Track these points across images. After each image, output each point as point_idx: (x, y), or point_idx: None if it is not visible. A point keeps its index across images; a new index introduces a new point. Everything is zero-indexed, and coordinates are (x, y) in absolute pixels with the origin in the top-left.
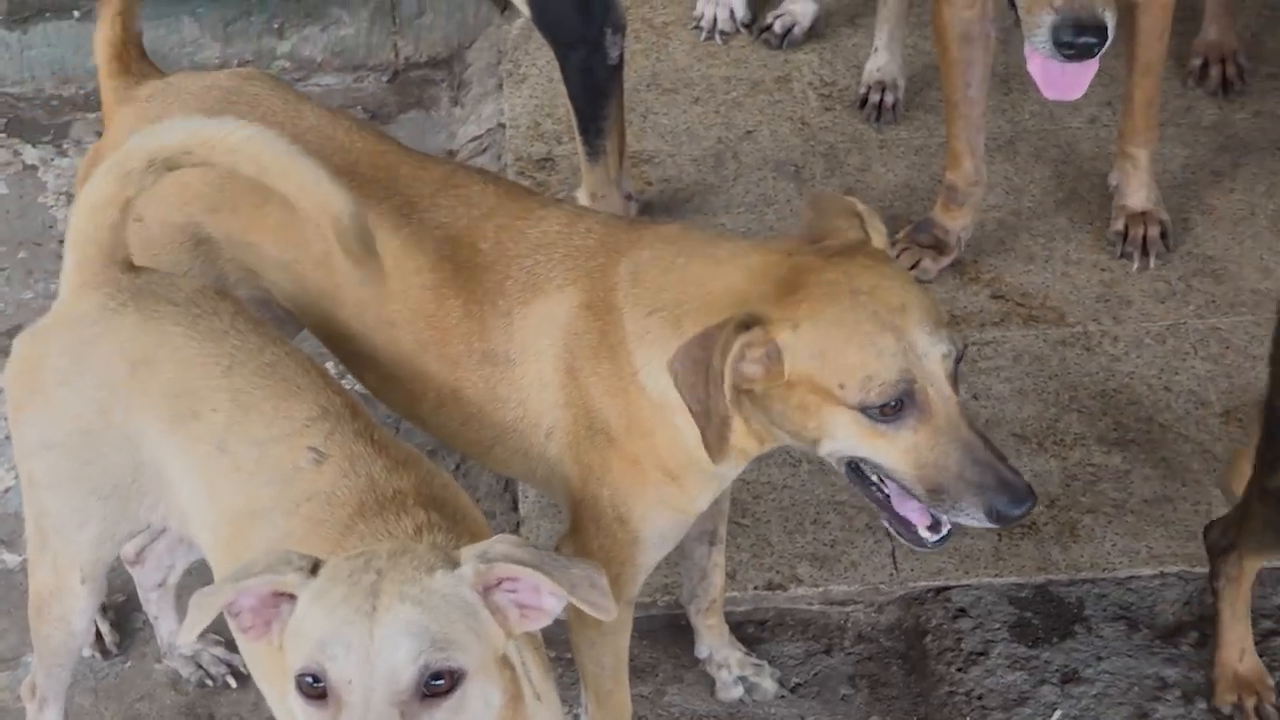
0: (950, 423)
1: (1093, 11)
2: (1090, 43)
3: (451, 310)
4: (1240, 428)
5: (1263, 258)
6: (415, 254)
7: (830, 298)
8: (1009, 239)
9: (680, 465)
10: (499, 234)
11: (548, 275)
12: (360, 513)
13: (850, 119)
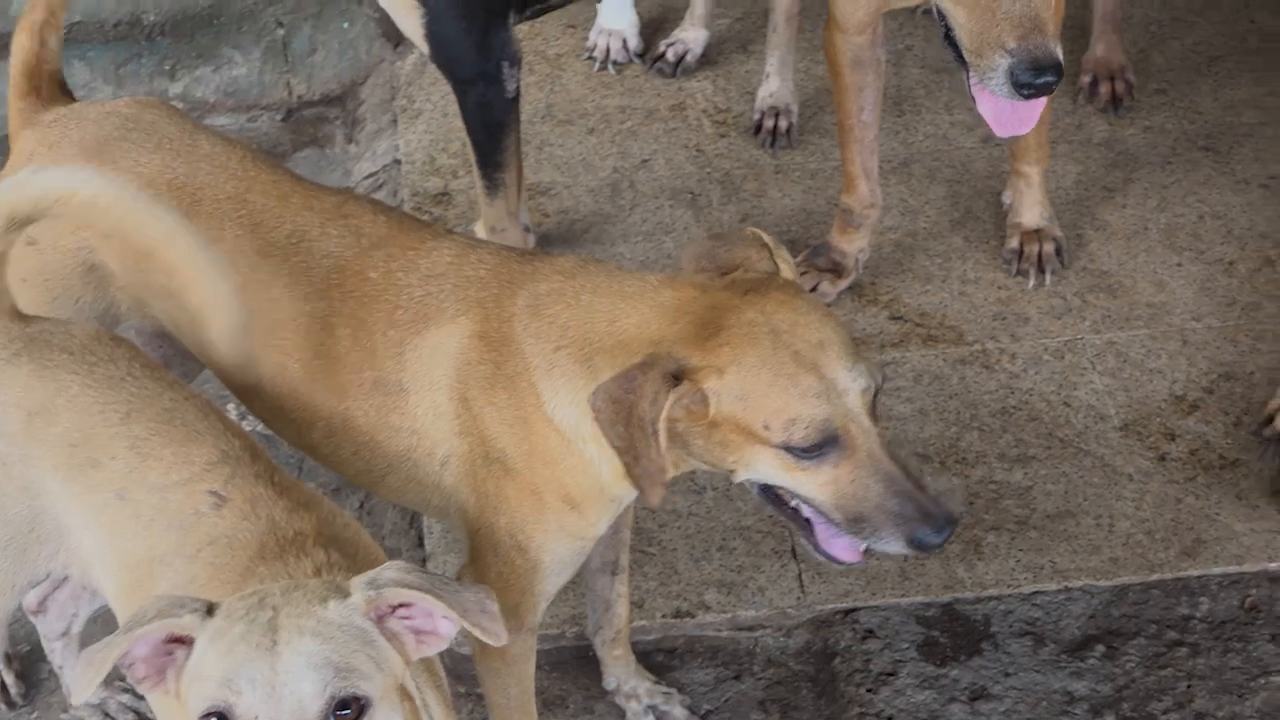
0: (871, 456)
1: (1048, 50)
2: (1050, 81)
3: (340, 339)
4: (1140, 440)
5: (1156, 271)
6: (304, 282)
7: (751, 340)
8: (906, 260)
9: (584, 493)
10: (389, 263)
11: (440, 305)
12: (261, 555)
13: (745, 145)
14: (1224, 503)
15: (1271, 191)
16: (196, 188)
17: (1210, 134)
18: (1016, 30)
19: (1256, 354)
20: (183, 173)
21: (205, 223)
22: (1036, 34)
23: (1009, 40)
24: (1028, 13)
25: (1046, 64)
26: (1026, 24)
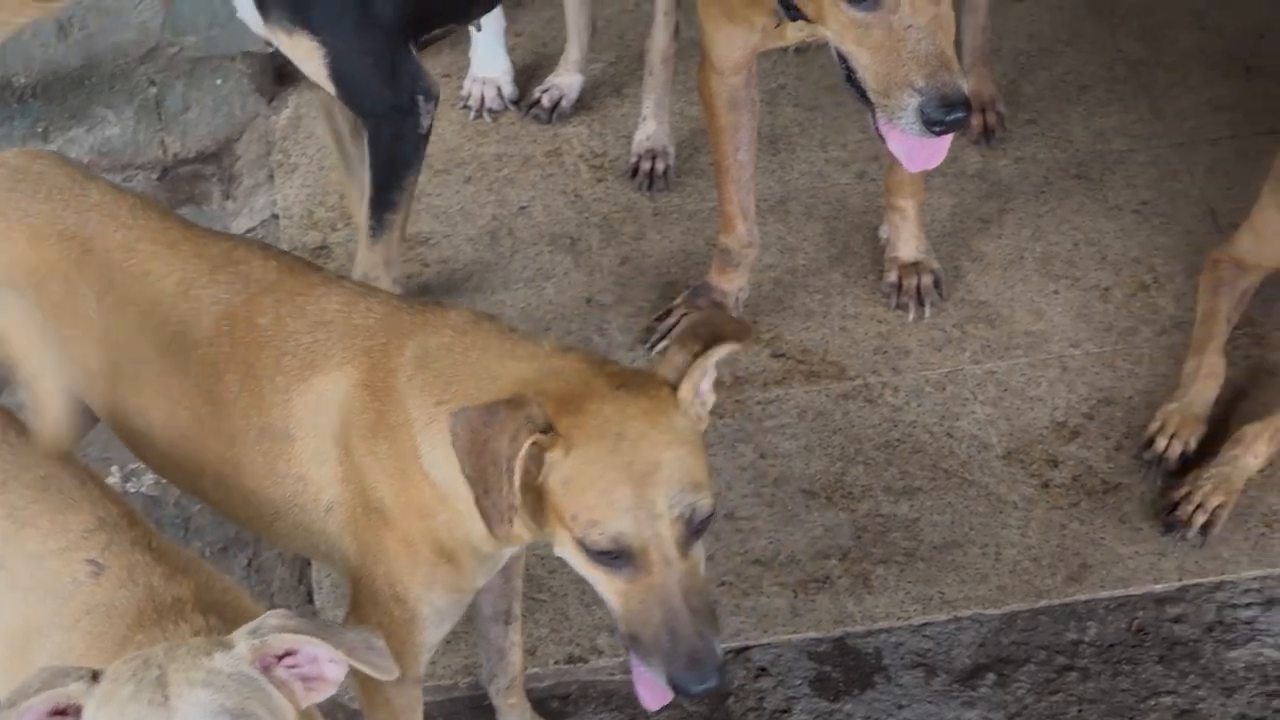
0: (662, 588)
1: (956, 86)
2: (960, 116)
3: (229, 386)
4: (1023, 468)
5: (1033, 300)
6: (193, 329)
7: (599, 435)
8: (786, 297)
9: (458, 547)
10: (278, 310)
11: (326, 353)
12: (139, 623)
13: (623, 188)
14: (1108, 527)
15: (1143, 217)
16: (86, 237)
17: (1082, 162)
18: (924, 69)
19: (1134, 378)
20: (72, 222)
21: (95, 272)
22: (944, 71)
23: (917, 79)
24: (933, 51)
25: (956, 100)
26: (933, 62)
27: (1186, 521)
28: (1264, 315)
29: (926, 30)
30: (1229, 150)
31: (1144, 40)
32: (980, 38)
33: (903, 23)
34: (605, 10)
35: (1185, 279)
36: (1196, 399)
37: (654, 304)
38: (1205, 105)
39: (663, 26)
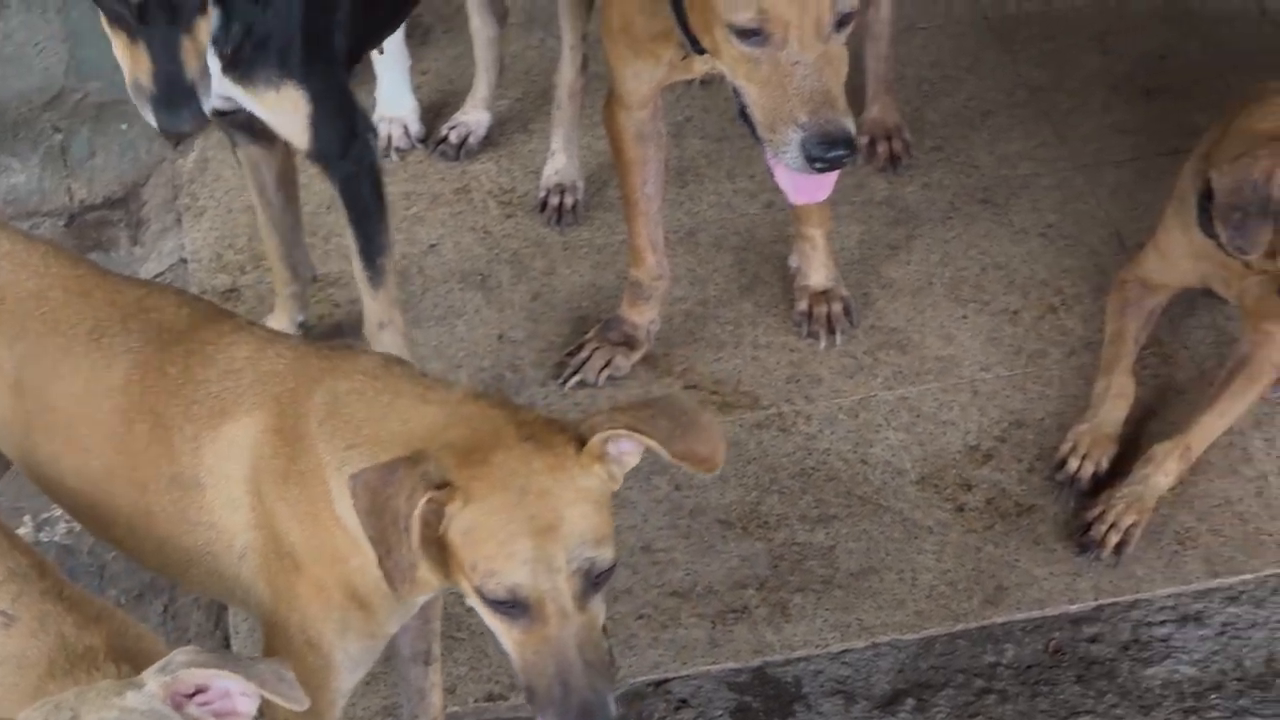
0: (557, 640)
1: (840, 124)
2: (840, 155)
3: (139, 434)
4: (937, 492)
5: (943, 325)
6: (104, 377)
7: (502, 487)
8: (697, 329)
9: (371, 592)
10: (188, 358)
11: (236, 399)
12: (50, 673)
13: (532, 224)
14: (1023, 548)
15: (1049, 240)
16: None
17: (987, 187)
18: (807, 105)
19: (1045, 400)
20: None
21: (7, 321)
22: (827, 108)
23: (800, 115)
24: (818, 88)
25: (838, 137)
26: (817, 99)
27: (1100, 541)
28: (1171, 334)
29: (813, 67)
30: (1132, 172)
31: (1045, 65)
32: (884, 66)
33: (790, 59)
34: (511, 46)
35: (1093, 300)
36: (1107, 419)
37: (566, 339)
38: (1107, 128)
39: (569, 61)
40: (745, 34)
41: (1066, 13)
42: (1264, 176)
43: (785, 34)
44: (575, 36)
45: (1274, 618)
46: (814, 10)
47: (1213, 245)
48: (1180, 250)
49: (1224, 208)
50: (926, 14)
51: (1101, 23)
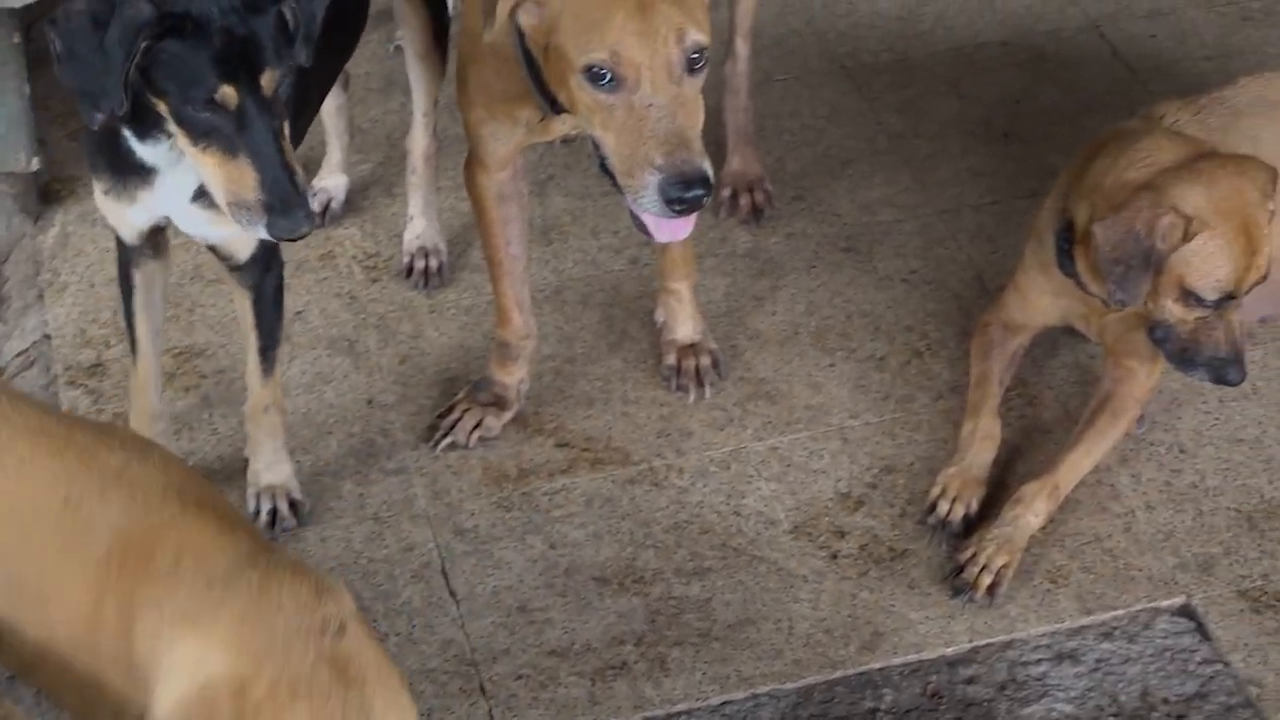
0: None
1: (695, 165)
2: (698, 195)
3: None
4: (811, 541)
5: (811, 374)
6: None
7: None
8: (567, 386)
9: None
10: None
11: None
12: None
13: (398, 288)
14: (898, 593)
15: (913, 286)
16: None
17: (850, 235)
18: (663, 147)
19: (914, 445)
20: None
21: None
22: (682, 149)
23: (656, 157)
24: (673, 130)
25: (694, 178)
26: (672, 141)
27: (973, 583)
28: (1035, 375)
29: (667, 110)
30: (991, 215)
31: (903, 112)
32: (743, 118)
33: (643, 102)
34: (370, 111)
35: (957, 344)
36: (975, 461)
37: (436, 401)
38: (966, 172)
39: (422, 127)
40: (598, 79)
41: (922, 60)
42: (1146, 229)
43: (637, 76)
44: (427, 103)
45: (1147, 652)
46: (664, 52)
47: (1072, 284)
48: (1040, 290)
49: (1108, 262)
50: (784, 65)
51: (956, 69)
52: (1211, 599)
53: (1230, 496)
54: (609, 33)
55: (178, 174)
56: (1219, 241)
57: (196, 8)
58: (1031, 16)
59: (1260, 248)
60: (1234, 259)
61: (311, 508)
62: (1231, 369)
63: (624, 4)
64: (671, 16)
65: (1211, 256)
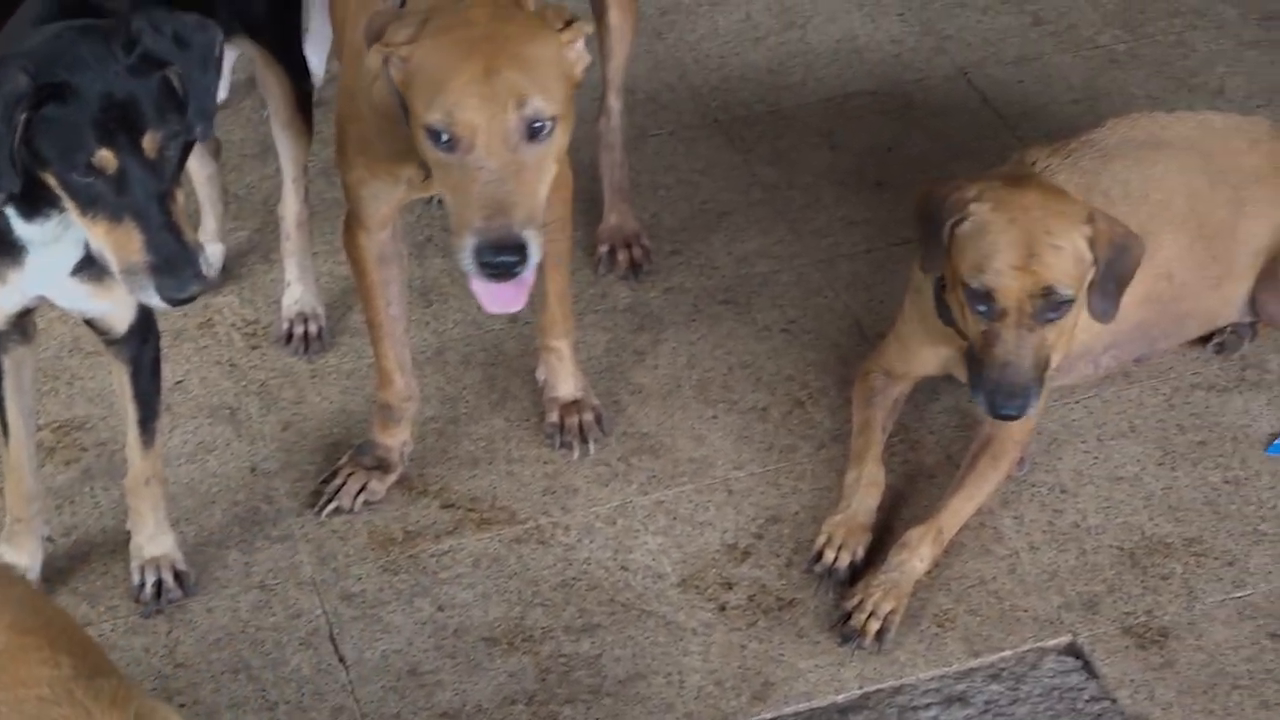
0: None
1: (509, 231)
2: (509, 261)
3: None
4: (699, 593)
5: (694, 427)
6: None
7: None
8: (451, 447)
9: None
10: None
11: None
12: None
13: (278, 354)
14: (786, 643)
15: (792, 335)
16: None
17: (728, 287)
18: (482, 211)
19: (798, 494)
20: None
21: None
22: (501, 216)
23: (476, 221)
24: (498, 195)
25: (505, 244)
26: (493, 206)
27: (861, 630)
28: (917, 420)
29: (497, 175)
30: (867, 263)
31: (777, 164)
32: (618, 174)
33: (476, 164)
34: (246, 178)
35: (838, 392)
36: (860, 509)
37: (320, 467)
38: (840, 222)
39: (293, 193)
40: (437, 138)
41: (794, 111)
42: (940, 198)
43: (473, 139)
44: (296, 169)
45: (1035, 692)
46: (502, 118)
47: (952, 332)
48: (920, 340)
49: (915, 223)
50: (657, 120)
51: (827, 120)
52: (1097, 637)
53: (1112, 534)
54: (450, 94)
55: (55, 250)
56: (986, 229)
57: (74, 75)
58: (900, 65)
59: (1035, 264)
60: (998, 252)
61: (197, 578)
62: (999, 396)
63: (469, 66)
64: (515, 83)
65: (978, 234)
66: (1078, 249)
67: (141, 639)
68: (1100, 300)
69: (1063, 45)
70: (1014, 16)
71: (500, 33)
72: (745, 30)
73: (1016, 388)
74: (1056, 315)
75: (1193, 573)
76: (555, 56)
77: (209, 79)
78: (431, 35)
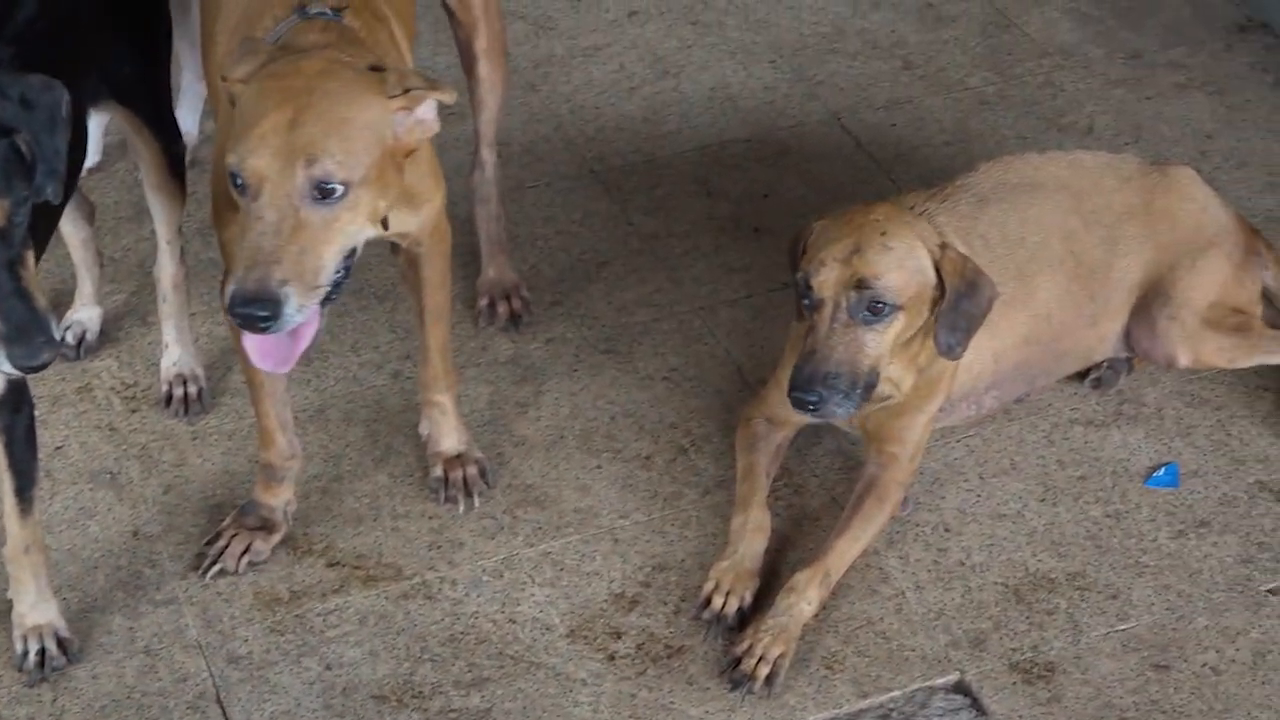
0: None
1: (263, 286)
2: (256, 315)
3: None
4: (587, 644)
5: (578, 477)
6: None
7: None
8: (335, 505)
9: None
10: None
11: None
12: None
13: (159, 417)
14: (676, 690)
15: (674, 383)
16: None
17: (609, 337)
18: (245, 261)
19: (684, 541)
20: None
21: None
22: (259, 268)
23: (239, 270)
24: (261, 247)
25: (248, 296)
26: (254, 257)
27: (751, 674)
28: (800, 464)
29: (271, 227)
30: (746, 309)
31: (654, 213)
32: (495, 227)
33: (256, 213)
34: (123, 240)
35: (722, 438)
36: (746, 554)
37: (203, 529)
38: (719, 268)
39: (168, 254)
40: (234, 180)
41: (670, 159)
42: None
43: (259, 189)
44: (170, 231)
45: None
46: (289, 173)
47: None
48: None
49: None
50: (534, 172)
51: (704, 168)
52: (984, 674)
53: (996, 571)
54: (248, 140)
55: None
56: (825, 231)
57: None
58: (774, 112)
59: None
60: (826, 246)
61: (81, 645)
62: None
63: (273, 118)
64: (311, 140)
65: (818, 237)
66: (915, 260)
67: (26, 708)
68: (947, 334)
69: (933, 88)
70: (884, 61)
71: (321, 88)
72: (619, 81)
73: (818, 375)
74: (875, 319)
75: (1077, 607)
76: (373, 121)
77: (57, 140)
78: (261, 78)
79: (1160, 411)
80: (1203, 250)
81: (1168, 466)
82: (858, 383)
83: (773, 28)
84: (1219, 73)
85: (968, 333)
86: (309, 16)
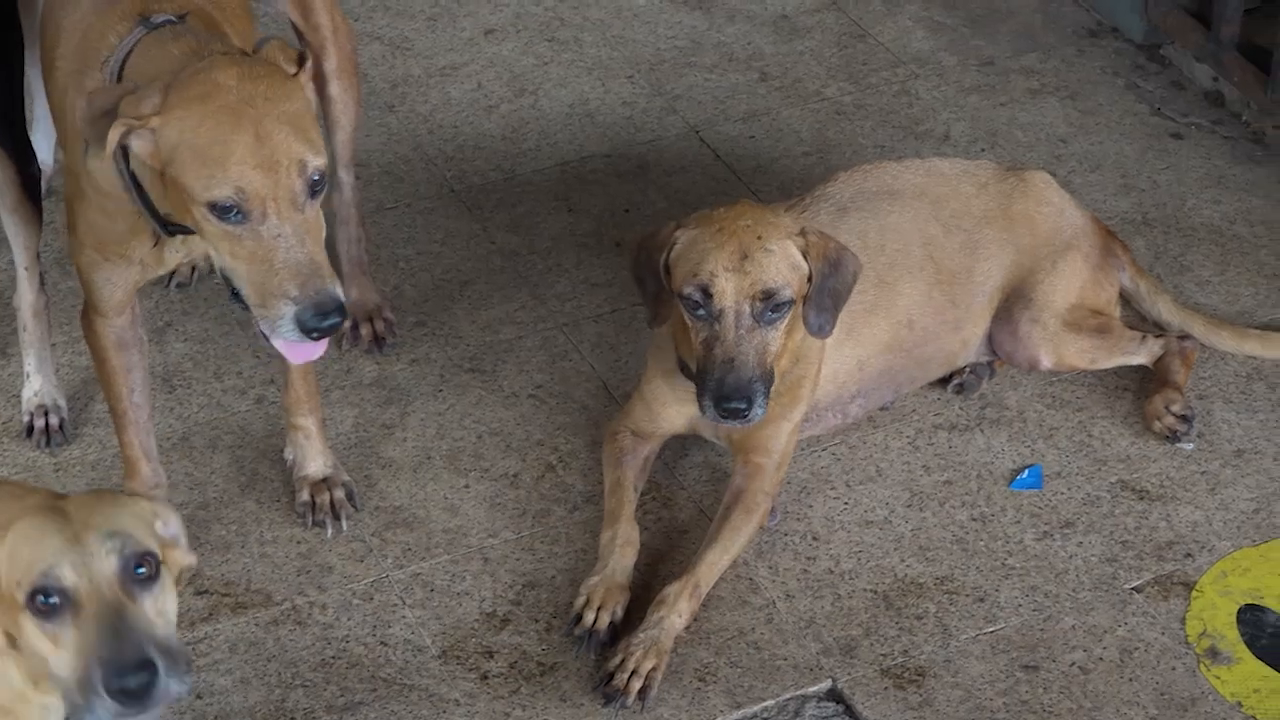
0: None
1: (329, 293)
2: (336, 321)
3: None
4: (460, 664)
5: (447, 497)
6: None
7: None
8: (201, 533)
9: (12, 700)
10: None
11: None
12: None
13: (20, 448)
14: (550, 707)
15: (540, 400)
16: None
17: (474, 355)
18: (296, 278)
19: (554, 558)
20: None
21: None
22: (316, 279)
23: (291, 288)
24: (304, 259)
25: (329, 306)
26: (305, 270)
27: (624, 689)
28: (668, 478)
29: (295, 238)
30: (611, 324)
31: (516, 231)
32: (356, 249)
33: (271, 233)
34: None
35: (589, 454)
36: (617, 568)
37: None
38: (582, 284)
39: (26, 282)
40: (225, 213)
41: (530, 177)
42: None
43: (264, 208)
44: (28, 257)
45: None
46: (287, 183)
47: (695, 391)
48: (665, 399)
49: (635, 281)
50: (394, 193)
51: (563, 185)
52: (856, 680)
53: (865, 578)
54: (230, 168)
55: None
56: (697, 241)
57: None
58: (632, 127)
59: (749, 265)
60: (711, 255)
61: None
62: (724, 392)
63: (241, 137)
64: (291, 145)
65: (689, 247)
66: (790, 255)
67: None
68: (816, 315)
69: (790, 100)
70: (741, 74)
71: (256, 93)
72: (477, 99)
73: (741, 383)
74: (777, 316)
75: (945, 611)
76: (306, 102)
77: None
78: (182, 105)
79: (1023, 414)
80: (1061, 253)
81: (1031, 469)
82: (769, 381)
83: (629, 43)
84: (1071, 77)
85: (834, 310)
86: (155, 26)
